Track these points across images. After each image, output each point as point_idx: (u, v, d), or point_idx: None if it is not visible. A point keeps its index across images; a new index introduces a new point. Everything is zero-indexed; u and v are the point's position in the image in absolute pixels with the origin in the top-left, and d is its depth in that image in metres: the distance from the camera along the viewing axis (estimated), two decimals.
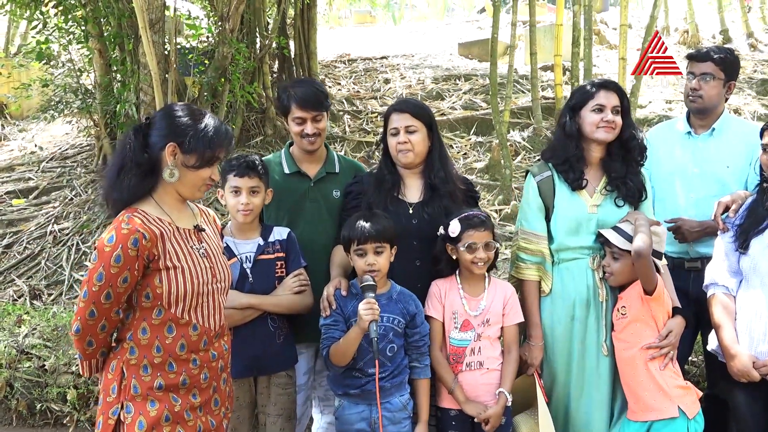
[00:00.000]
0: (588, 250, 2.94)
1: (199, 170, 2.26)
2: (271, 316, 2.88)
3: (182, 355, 2.24)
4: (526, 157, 6.71)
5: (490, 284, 2.92)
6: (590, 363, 2.90)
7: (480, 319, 2.86)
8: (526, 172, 3.12)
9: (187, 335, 2.25)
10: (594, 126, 2.89)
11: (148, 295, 2.20)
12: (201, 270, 2.28)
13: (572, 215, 2.93)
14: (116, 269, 2.12)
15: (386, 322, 2.73)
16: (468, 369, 2.84)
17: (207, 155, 2.25)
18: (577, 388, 2.92)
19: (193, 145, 2.23)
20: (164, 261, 2.20)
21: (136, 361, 2.21)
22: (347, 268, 2.95)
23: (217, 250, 2.41)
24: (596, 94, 2.92)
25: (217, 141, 2.27)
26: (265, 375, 2.93)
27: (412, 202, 3.01)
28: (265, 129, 7.06)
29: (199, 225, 2.39)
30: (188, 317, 2.26)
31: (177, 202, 2.33)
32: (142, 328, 2.22)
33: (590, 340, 2.90)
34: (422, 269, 2.96)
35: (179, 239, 2.27)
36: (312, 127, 3.10)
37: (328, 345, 2.71)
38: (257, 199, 2.89)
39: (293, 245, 3.00)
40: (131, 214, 2.20)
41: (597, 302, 2.92)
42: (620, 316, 2.86)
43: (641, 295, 2.79)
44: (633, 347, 2.81)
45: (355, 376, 2.74)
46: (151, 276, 2.20)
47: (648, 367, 2.78)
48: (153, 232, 2.18)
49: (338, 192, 3.19)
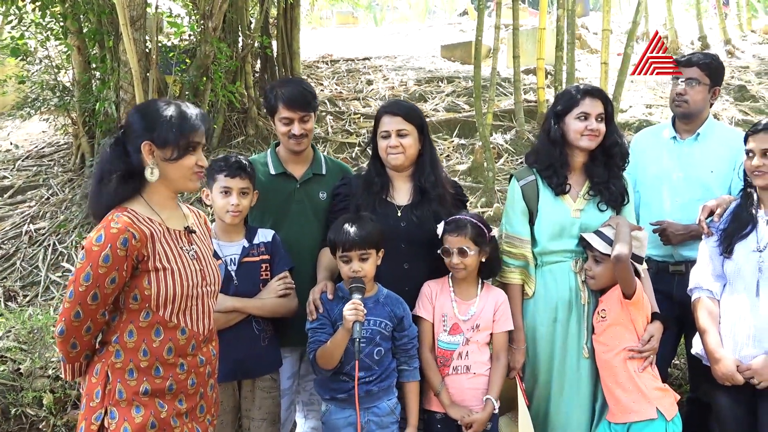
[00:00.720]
0: (571, 254, 2.97)
1: (180, 161, 2.19)
2: (256, 319, 2.86)
3: (170, 359, 2.20)
4: (508, 160, 6.72)
5: (483, 290, 2.92)
6: (571, 364, 2.93)
7: (470, 323, 2.85)
8: (510, 176, 3.13)
9: (175, 339, 2.21)
10: (578, 134, 2.91)
11: (136, 297, 2.16)
12: (191, 272, 2.24)
13: (556, 219, 2.95)
14: (104, 269, 2.08)
15: (373, 325, 2.71)
16: (455, 372, 2.83)
17: (182, 143, 2.18)
18: (558, 388, 2.94)
19: (164, 137, 2.16)
20: (153, 262, 2.16)
21: (121, 364, 2.15)
22: (334, 270, 2.92)
23: (207, 253, 2.37)
24: (581, 102, 2.93)
25: (187, 126, 2.18)
26: (250, 378, 2.89)
27: (401, 205, 2.99)
28: (246, 129, 6.98)
29: (189, 226, 2.34)
30: (177, 320, 2.21)
31: (168, 200, 2.28)
32: (128, 331, 2.17)
33: (571, 342, 2.93)
34: (410, 272, 2.94)
35: (169, 240, 2.23)
36: (299, 128, 3.06)
37: (314, 348, 2.68)
38: (246, 201, 2.86)
39: (278, 247, 2.96)
40: (121, 213, 2.15)
41: (579, 305, 2.94)
42: (600, 319, 2.88)
43: (621, 298, 2.81)
44: (612, 350, 2.84)
45: (342, 380, 2.71)
46: (139, 277, 2.15)
47: (627, 369, 2.81)
48: (143, 232, 2.13)
49: (324, 194, 3.16)
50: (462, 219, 2.85)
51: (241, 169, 2.84)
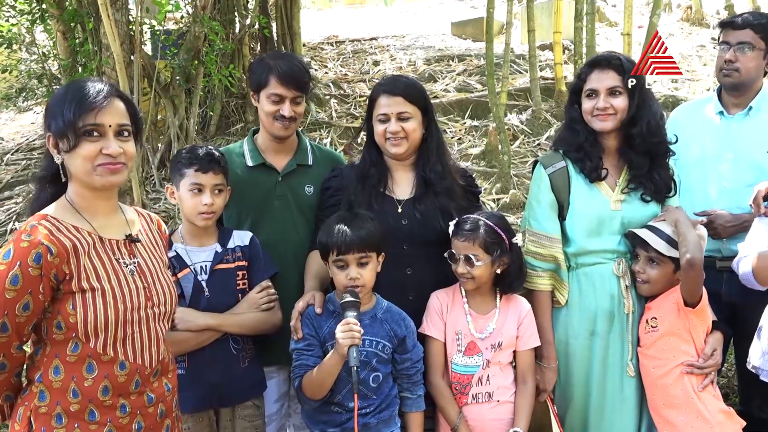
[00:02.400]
0: (611, 254, 2.49)
1: (75, 150, 1.74)
2: (233, 337, 2.42)
3: (106, 400, 1.77)
4: (525, 142, 6.21)
5: (502, 300, 2.42)
6: (613, 385, 2.49)
7: (489, 342, 2.37)
8: (535, 163, 2.65)
9: (113, 375, 1.78)
10: (588, 115, 2.48)
11: (60, 325, 1.73)
12: (129, 292, 1.81)
13: (593, 213, 2.48)
14: (13, 293, 1.66)
15: (369, 346, 2.24)
16: (474, 401, 2.36)
17: (76, 128, 1.72)
18: (597, 413, 2.51)
19: (57, 125, 1.74)
20: (78, 281, 1.73)
21: (46, 408, 1.74)
22: (324, 279, 2.47)
23: (156, 266, 1.93)
24: (588, 77, 2.49)
25: (82, 106, 1.72)
26: (228, 406, 2.46)
27: (402, 199, 2.53)
28: (246, 115, 6.53)
29: (132, 235, 1.89)
30: (113, 353, 1.78)
31: (100, 203, 1.84)
32: (54, 367, 1.75)
33: (613, 358, 2.49)
34: (414, 279, 2.47)
35: (101, 253, 1.80)
36: (290, 110, 2.60)
37: (300, 375, 2.22)
38: (221, 200, 2.44)
39: (257, 252, 2.52)
40: (37, 222, 1.73)
41: (621, 314, 2.47)
42: (650, 329, 2.41)
43: (679, 305, 2.33)
44: (665, 365, 2.37)
45: (333, 411, 2.25)
46: (62, 301, 1.73)
47: (684, 387, 2.34)
48: (62, 245, 1.71)
49: (312, 188, 2.70)
50: (474, 220, 2.35)
51: (214, 162, 2.41)
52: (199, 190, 2.40)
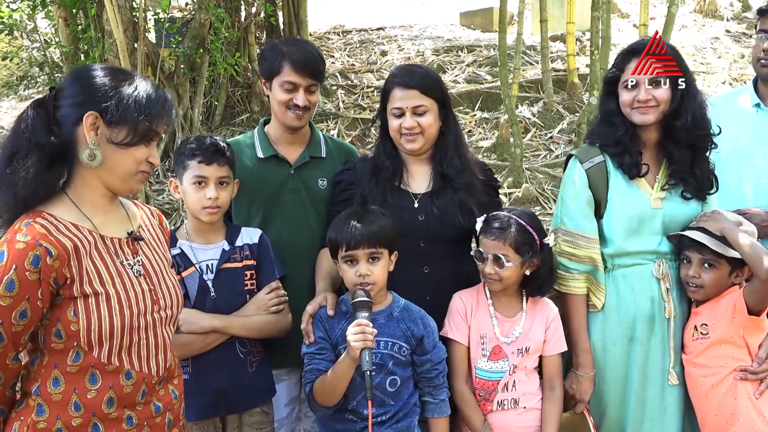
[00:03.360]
0: (651, 255, 2.34)
1: (131, 148, 1.63)
2: (240, 340, 2.27)
3: (111, 412, 1.61)
4: (537, 135, 6.04)
5: (528, 303, 2.27)
6: (653, 394, 2.33)
7: (515, 346, 2.22)
8: (568, 157, 2.47)
9: (118, 386, 1.62)
10: (627, 107, 2.31)
11: (60, 334, 1.57)
12: (136, 295, 1.65)
13: (633, 211, 2.33)
14: (9, 300, 1.50)
15: (383, 348, 2.08)
16: (500, 408, 2.22)
17: (142, 127, 1.62)
18: (635, 425, 2.36)
19: (121, 113, 1.59)
20: (80, 286, 1.57)
21: (45, 424, 1.58)
22: (337, 278, 2.31)
23: (161, 266, 1.77)
24: (626, 66, 2.32)
25: (155, 108, 1.64)
26: (235, 413, 2.30)
27: (418, 194, 2.38)
28: (251, 106, 6.35)
29: (135, 232, 1.74)
30: (118, 362, 1.62)
31: (103, 199, 1.68)
32: (53, 379, 1.59)
33: (653, 366, 2.33)
34: (431, 278, 2.32)
35: (104, 254, 1.63)
36: (304, 98, 2.44)
37: (311, 380, 2.06)
38: (226, 193, 2.29)
39: (266, 250, 2.37)
40: (32, 220, 1.56)
41: (662, 319, 2.32)
42: (699, 335, 2.25)
43: (736, 310, 2.16)
44: (717, 373, 2.22)
45: (348, 420, 2.09)
46: (62, 307, 1.57)
47: (739, 397, 2.17)
48: (63, 246, 1.54)
49: (325, 181, 2.55)
50: (505, 218, 2.19)
51: (218, 154, 2.26)
52: (202, 182, 2.25)
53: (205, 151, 2.25)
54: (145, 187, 4.80)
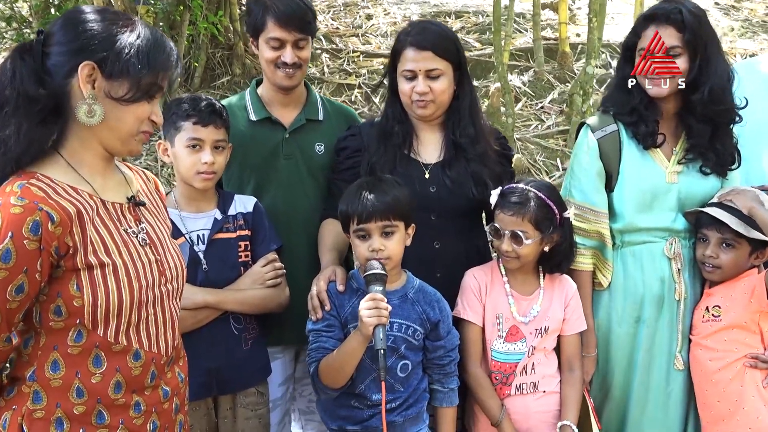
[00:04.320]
0: (663, 232, 2.23)
1: (133, 105, 1.44)
2: (234, 316, 2.12)
3: (118, 398, 1.45)
4: (527, 104, 5.90)
5: (546, 280, 2.14)
6: (657, 378, 2.25)
7: (533, 326, 2.10)
8: (580, 125, 2.34)
9: (126, 368, 1.46)
10: (642, 77, 2.19)
11: (60, 311, 1.39)
12: (143, 266, 1.48)
13: (646, 185, 2.22)
14: (4, 273, 1.31)
15: (397, 330, 1.94)
16: (518, 393, 2.10)
17: (145, 80, 1.44)
18: (638, 408, 2.27)
19: (123, 65, 1.41)
20: (84, 256, 1.39)
21: (43, 413, 1.40)
22: (342, 251, 2.18)
23: (164, 234, 1.61)
24: (643, 33, 2.18)
25: (161, 59, 1.46)
26: (229, 394, 2.16)
27: (429, 163, 2.23)
28: (232, 68, 6.09)
29: (136, 196, 1.57)
30: (126, 341, 1.45)
31: (101, 161, 1.50)
32: (52, 362, 1.41)
33: (660, 348, 2.25)
34: (442, 253, 2.19)
35: (107, 220, 1.46)
36: (292, 55, 2.25)
37: (317, 358, 1.91)
38: (222, 158, 2.13)
39: (261, 219, 2.21)
40: (26, 181, 1.37)
41: (672, 300, 2.22)
42: (711, 318, 2.15)
43: (757, 295, 2.07)
44: (725, 358, 2.13)
45: (354, 406, 1.95)
46: (63, 280, 1.38)
47: (745, 384, 2.09)
48: (65, 211, 1.36)
49: (322, 147, 2.38)
50: (523, 192, 2.04)
51: (215, 115, 2.10)
52: (197, 146, 2.07)
53: (201, 111, 2.08)
54: None
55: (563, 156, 5.14)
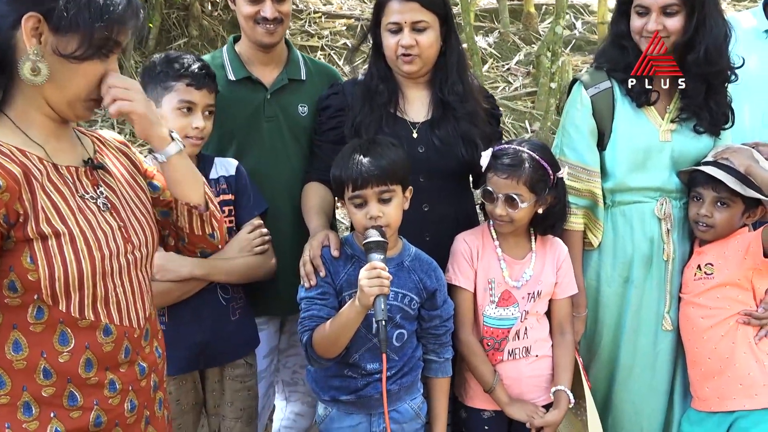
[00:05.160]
0: (655, 193, 2.24)
1: (84, 63, 1.31)
2: (222, 286, 2.07)
3: (90, 377, 1.34)
4: (494, 66, 5.84)
5: (537, 242, 2.11)
6: (645, 338, 2.27)
7: (526, 290, 2.07)
8: (573, 81, 2.32)
9: (96, 344, 1.35)
10: (636, 35, 2.18)
11: (14, 286, 1.27)
12: (105, 234, 1.36)
13: (639, 143, 2.21)
14: None
15: (393, 299, 1.89)
16: (511, 358, 2.07)
17: (99, 35, 1.30)
18: (625, 370, 2.29)
19: (72, 17, 1.28)
20: (36, 225, 1.27)
21: (8, 398, 1.29)
22: (329, 213, 2.15)
23: (129, 196, 1.49)
24: None
25: (116, 10, 1.31)
26: (217, 366, 2.10)
27: (417, 122, 2.18)
28: (189, 30, 5.84)
29: (93, 159, 1.44)
30: (93, 315, 1.35)
31: (51, 122, 1.37)
32: (13, 342, 1.29)
33: (647, 309, 2.26)
34: (431, 217, 2.14)
35: (60, 186, 1.34)
36: (272, 9, 2.16)
37: (310, 327, 1.84)
38: (210, 124, 2.07)
39: (244, 184, 2.15)
40: None
41: (660, 260, 2.24)
42: (703, 276, 2.17)
43: (752, 252, 2.08)
44: (717, 315, 2.15)
45: (347, 375, 1.91)
46: (15, 253, 1.26)
47: (737, 341, 2.12)
48: (11, 176, 1.24)
49: (306, 108, 2.30)
50: (516, 153, 1.98)
51: (209, 78, 2.04)
52: (189, 109, 1.99)
53: (195, 74, 2.00)
54: None
55: (531, 118, 5.13)
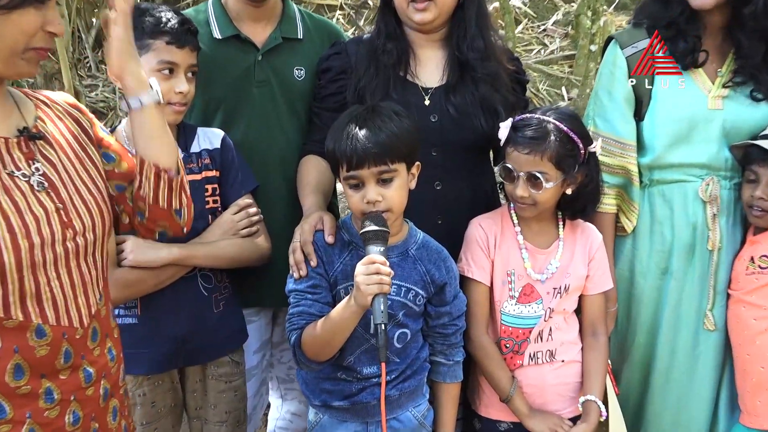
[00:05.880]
0: (701, 170, 2.03)
1: (14, 12, 1.21)
2: (203, 273, 1.91)
3: (20, 386, 1.22)
4: (528, 27, 5.55)
5: (566, 228, 1.90)
6: (685, 339, 2.08)
7: (552, 284, 1.86)
8: (608, 40, 2.14)
9: (27, 348, 1.23)
10: None
11: None
12: (36, 219, 1.23)
13: (683, 112, 2.01)
14: None
15: (395, 294, 1.69)
16: (533, 363, 1.88)
17: None
18: (662, 375, 2.11)
19: None
20: None
21: None
22: (327, 191, 1.99)
23: (76, 173, 1.34)
24: None
25: None
26: (198, 364, 1.96)
27: (430, 87, 1.98)
28: None
29: (32, 127, 1.30)
30: (22, 315, 1.22)
31: None
32: None
33: (688, 305, 2.07)
34: (445, 196, 1.95)
35: None
36: None
37: (299, 326, 1.65)
38: (193, 87, 1.91)
39: (231, 157, 1.98)
40: None
41: (704, 250, 2.04)
42: (757, 270, 1.96)
43: None
44: None
45: (341, 379, 1.73)
46: None
47: None
48: None
49: (302, 71, 2.12)
50: (541, 123, 1.76)
51: (191, 35, 1.88)
52: (171, 71, 1.83)
53: (176, 30, 1.83)
54: (74, 82, 4.13)
55: (569, 84, 4.86)
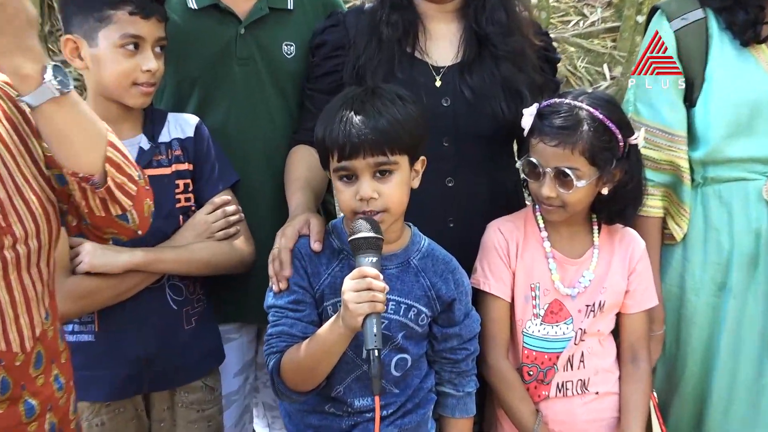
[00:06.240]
0: (765, 166, 1.89)
1: None
2: (173, 283, 1.78)
3: None
4: None
5: (602, 234, 1.75)
6: (748, 367, 1.93)
7: (584, 300, 1.72)
8: (653, 10, 2.00)
9: None
10: None
11: None
12: None
13: (744, 97, 1.86)
14: None
15: (392, 312, 1.53)
16: (561, 395, 1.73)
17: None
18: (719, 408, 1.94)
19: None
20: None
21: None
22: (319, 189, 1.82)
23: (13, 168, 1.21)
24: None
25: None
26: (165, 389, 1.82)
27: (442, 66, 1.83)
28: None
29: None
30: None
31: None
32: None
33: (751, 327, 1.91)
34: (458, 194, 1.80)
35: None
36: None
37: (280, 349, 1.48)
38: (162, 63, 1.78)
39: (207, 147, 1.85)
40: None
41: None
42: None
43: None
44: None
45: (329, 413, 1.56)
46: None
47: None
48: None
49: (293, 46, 1.96)
50: (571, 109, 1.61)
51: (157, 3, 1.76)
52: (136, 45, 1.70)
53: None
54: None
55: (612, 61, 4.67)
